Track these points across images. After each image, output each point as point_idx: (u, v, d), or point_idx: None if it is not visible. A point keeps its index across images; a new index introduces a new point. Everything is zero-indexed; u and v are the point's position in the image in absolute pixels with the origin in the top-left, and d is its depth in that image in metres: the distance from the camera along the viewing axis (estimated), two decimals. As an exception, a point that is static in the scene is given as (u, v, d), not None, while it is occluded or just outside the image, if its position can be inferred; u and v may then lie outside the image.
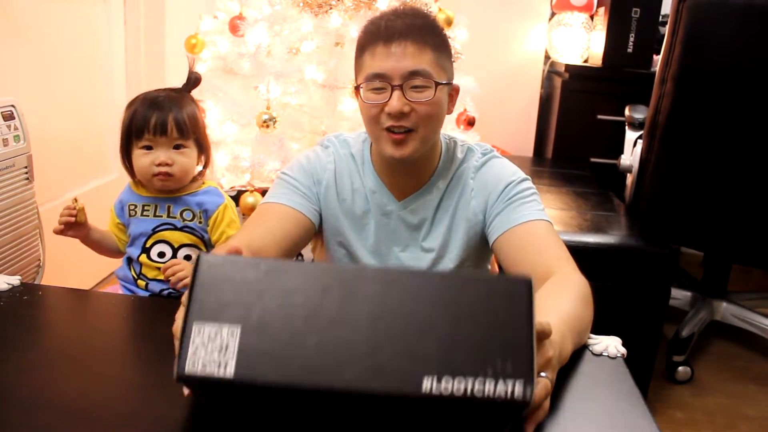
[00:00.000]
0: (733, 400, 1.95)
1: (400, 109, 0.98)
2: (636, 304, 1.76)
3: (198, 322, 0.55)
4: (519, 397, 0.53)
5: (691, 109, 1.87)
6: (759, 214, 1.87)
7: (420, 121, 1.00)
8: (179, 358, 0.54)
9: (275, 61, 1.95)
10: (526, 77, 2.95)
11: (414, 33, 0.98)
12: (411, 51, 0.98)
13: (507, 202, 1.06)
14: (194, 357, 0.54)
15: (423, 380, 0.53)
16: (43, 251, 1.73)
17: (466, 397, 0.53)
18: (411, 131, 1.00)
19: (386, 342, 0.55)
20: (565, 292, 0.89)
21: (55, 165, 1.98)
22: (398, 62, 0.98)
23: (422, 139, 1.02)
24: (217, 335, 0.55)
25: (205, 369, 0.54)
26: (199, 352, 0.54)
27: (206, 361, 0.54)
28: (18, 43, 1.84)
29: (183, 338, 0.55)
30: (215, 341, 0.55)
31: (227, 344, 0.55)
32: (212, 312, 0.56)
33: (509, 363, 0.54)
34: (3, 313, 0.91)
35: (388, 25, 0.99)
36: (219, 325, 0.55)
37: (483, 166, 1.11)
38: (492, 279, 0.64)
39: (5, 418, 0.68)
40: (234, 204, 1.32)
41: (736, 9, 1.75)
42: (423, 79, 0.98)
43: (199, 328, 0.55)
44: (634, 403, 0.75)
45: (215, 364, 0.54)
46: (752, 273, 2.89)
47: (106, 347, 0.88)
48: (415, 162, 1.06)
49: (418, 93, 0.99)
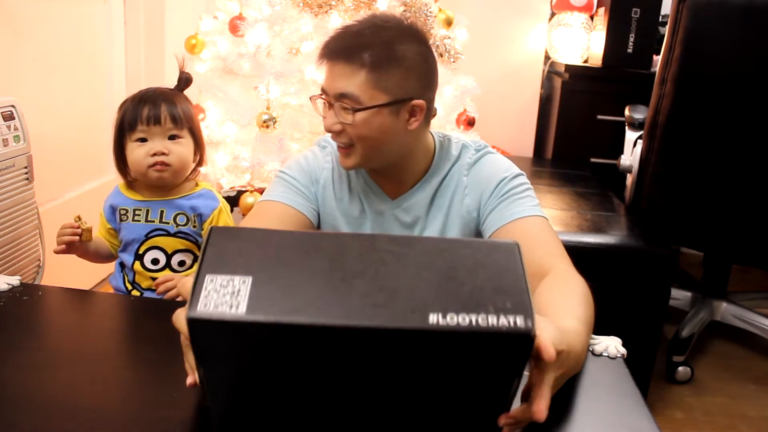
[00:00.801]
0: (733, 400, 1.95)
1: (329, 127, 1.02)
2: (636, 304, 1.76)
3: (210, 274, 0.57)
4: (522, 327, 0.55)
5: (691, 109, 1.87)
6: (759, 214, 1.87)
7: (355, 140, 1.02)
8: (191, 303, 0.55)
9: (275, 61, 1.95)
10: (526, 77, 2.95)
11: (348, 54, 0.98)
12: (344, 72, 0.98)
13: (501, 198, 1.06)
14: (206, 300, 0.56)
15: (429, 315, 0.56)
16: (43, 251, 1.72)
17: (471, 329, 0.55)
18: (352, 145, 1.03)
19: (390, 288, 0.57)
20: (573, 294, 0.88)
21: (54, 165, 1.98)
22: (332, 82, 1.00)
23: (364, 156, 1.03)
24: (229, 283, 0.57)
25: (217, 309, 0.55)
26: (211, 296, 0.56)
27: (218, 302, 0.55)
28: (18, 43, 1.84)
29: (195, 287, 0.56)
30: (227, 288, 0.57)
31: (239, 290, 0.56)
32: (223, 264, 0.58)
33: (508, 301, 0.57)
34: (3, 313, 0.91)
35: (330, 41, 1.01)
36: (231, 276, 0.57)
37: (476, 163, 1.11)
38: (480, 241, 0.67)
39: (5, 418, 0.68)
40: (229, 207, 1.30)
41: (736, 9, 1.75)
42: (350, 101, 0.99)
43: (212, 278, 0.57)
44: (634, 403, 0.75)
45: (227, 305, 0.55)
46: (752, 273, 2.89)
47: (106, 347, 0.88)
48: (391, 167, 1.08)
49: (346, 114, 1.00)
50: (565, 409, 0.73)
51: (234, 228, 0.63)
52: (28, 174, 1.64)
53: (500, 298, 0.57)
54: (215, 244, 0.60)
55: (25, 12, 1.87)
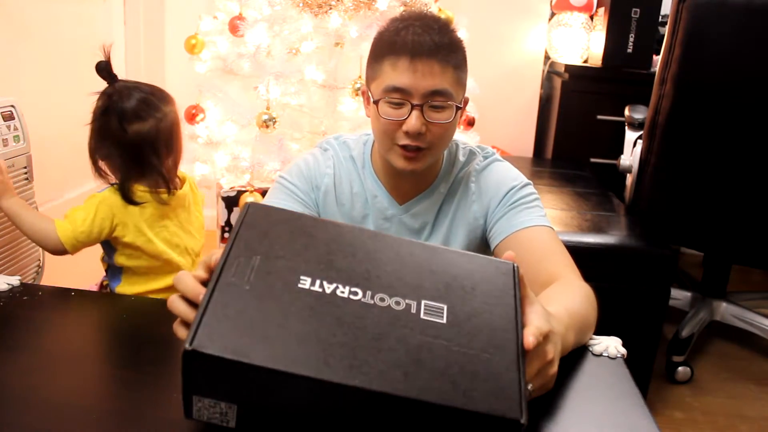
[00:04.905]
0: (733, 400, 1.95)
1: (418, 129, 0.96)
2: (636, 304, 1.76)
3: (196, 396, 0.59)
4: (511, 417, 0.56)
5: (690, 109, 1.87)
6: (759, 215, 1.87)
7: (434, 141, 0.99)
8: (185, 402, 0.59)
9: (275, 61, 1.95)
10: (526, 77, 2.95)
11: (441, 52, 0.96)
12: (436, 70, 0.96)
13: (509, 207, 1.05)
14: (198, 412, 0.60)
15: None
16: (43, 251, 1.72)
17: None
18: (423, 149, 1.00)
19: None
20: (570, 292, 0.89)
21: (54, 165, 1.98)
22: (422, 80, 0.95)
23: (433, 157, 1.03)
24: (217, 405, 0.59)
25: (210, 420, 0.58)
26: (202, 411, 0.59)
27: (210, 415, 0.59)
28: (18, 43, 1.84)
29: (184, 391, 0.59)
30: (215, 407, 0.59)
31: (227, 411, 0.59)
32: (208, 390, 0.58)
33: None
34: (3, 314, 0.91)
35: (415, 39, 0.96)
36: (217, 401, 0.59)
37: (484, 170, 1.11)
38: None
39: (5, 418, 0.68)
40: None
41: (736, 9, 1.75)
42: (444, 98, 0.97)
43: (198, 398, 0.59)
44: (634, 404, 0.75)
45: (218, 418, 0.59)
46: (752, 273, 2.89)
47: (106, 347, 0.88)
48: (419, 171, 1.05)
49: (437, 114, 0.98)
50: (566, 409, 0.73)
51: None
52: (27, 174, 1.63)
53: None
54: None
55: (25, 12, 1.87)
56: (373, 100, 1.00)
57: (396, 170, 1.05)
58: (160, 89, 1.38)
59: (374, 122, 1.02)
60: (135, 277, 1.40)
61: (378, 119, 1.00)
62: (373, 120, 1.03)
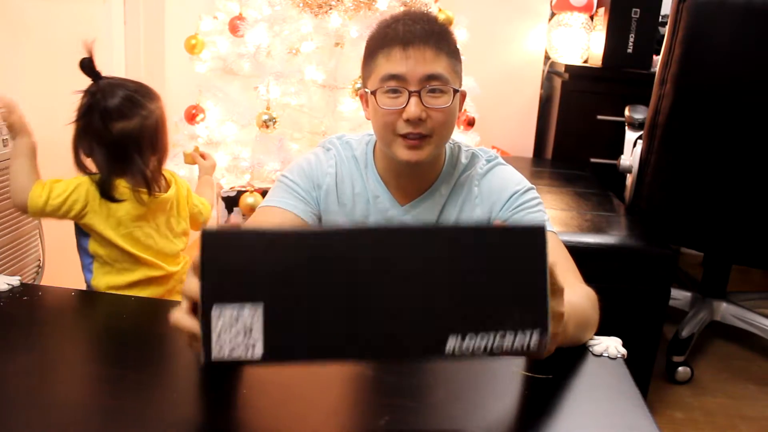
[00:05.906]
0: (733, 400, 1.95)
1: (418, 115, 0.97)
2: (636, 304, 1.76)
3: (216, 306, 0.55)
4: (534, 349, 0.57)
5: (690, 109, 1.87)
6: (759, 215, 1.87)
7: (435, 127, 0.99)
8: (204, 346, 0.54)
9: (275, 61, 1.95)
10: (526, 77, 2.95)
11: (433, 38, 0.97)
12: (429, 56, 0.97)
13: (513, 210, 1.05)
14: (219, 341, 0.54)
15: (447, 341, 0.55)
16: (43, 251, 1.72)
17: (485, 354, 0.56)
18: (426, 137, 1.00)
19: (404, 307, 0.56)
20: (572, 292, 0.88)
21: (54, 165, 1.98)
22: (416, 66, 0.96)
23: (436, 145, 1.02)
24: (239, 317, 0.55)
25: (233, 353, 0.54)
26: (223, 336, 0.54)
27: (234, 344, 0.54)
28: (18, 43, 1.84)
29: (203, 324, 0.55)
30: (238, 324, 0.55)
31: (251, 326, 0.55)
32: (229, 292, 0.55)
33: (527, 313, 0.57)
34: (3, 314, 0.91)
35: (406, 29, 0.97)
36: (240, 306, 0.55)
37: (488, 174, 1.10)
38: (501, 230, 0.62)
39: (5, 418, 0.68)
40: None
41: (736, 9, 1.75)
42: (440, 83, 0.97)
43: (219, 311, 0.55)
44: (634, 404, 0.75)
45: (242, 347, 0.54)
46: (752, 273, 2.89)
47: (106, 347, 0.88)
48: (423, 165, 1.05)
49: (434, 99, 0.98)
50: (566, 409, 0.73)
51: (227, 231, 0.59)
52: (28, 174, 1.63)
53: (518, 306, 0.57)
54: (211, 261, 0.56)
55: (25, 12, 1.87)
56: (371, 91, 1.01)
57: (399, 167, 1.05)
58: (145, 86, 1.36)
59: (374, 117, 1.03)
60: (107, 267, 1.37)
61: (377, 112, 1.00)
62: (373, 115, 1.03)
